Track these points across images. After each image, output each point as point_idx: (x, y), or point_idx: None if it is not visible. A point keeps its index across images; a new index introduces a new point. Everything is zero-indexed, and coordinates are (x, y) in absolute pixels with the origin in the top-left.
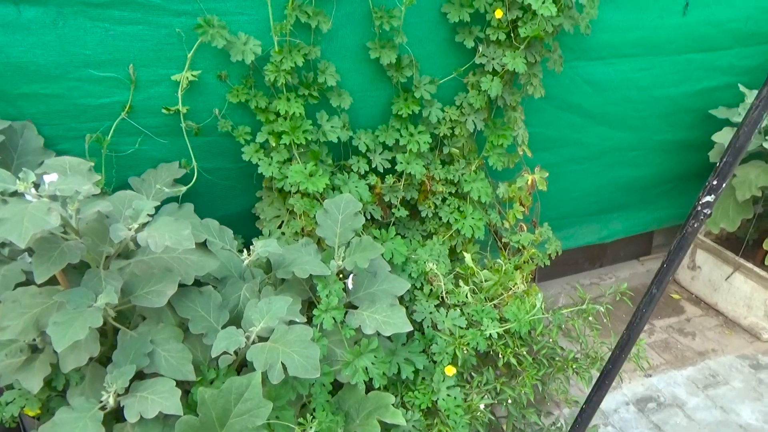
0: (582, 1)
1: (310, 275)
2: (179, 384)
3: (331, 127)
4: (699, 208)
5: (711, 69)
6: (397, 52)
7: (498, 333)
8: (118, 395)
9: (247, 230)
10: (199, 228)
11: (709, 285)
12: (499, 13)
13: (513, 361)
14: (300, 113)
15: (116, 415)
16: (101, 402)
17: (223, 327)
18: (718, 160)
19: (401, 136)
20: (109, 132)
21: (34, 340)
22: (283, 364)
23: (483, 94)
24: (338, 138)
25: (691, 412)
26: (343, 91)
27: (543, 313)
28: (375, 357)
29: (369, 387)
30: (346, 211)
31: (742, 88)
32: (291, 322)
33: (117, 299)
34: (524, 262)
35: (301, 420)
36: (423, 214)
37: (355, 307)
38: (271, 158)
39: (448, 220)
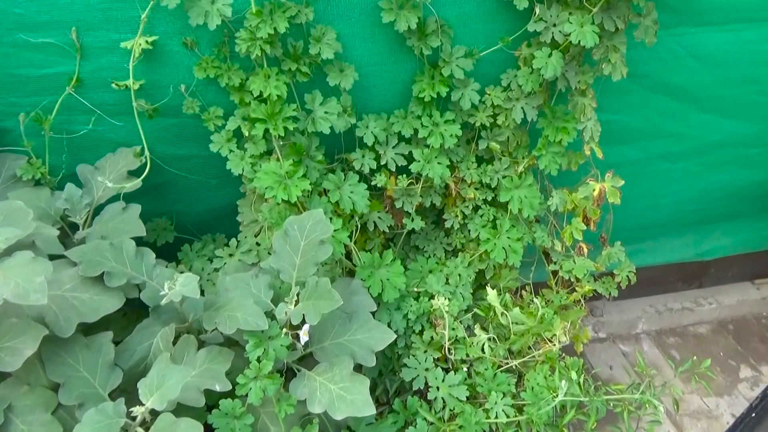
0: None
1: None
2: None
3: (325, 113)
4: None
5: None
6: (421, 13)
7: (507, 417)
8: None
9: (235, 228)
10: (105, 254)
11: None
12: None
13: None
14: (280, 95)
15: None
16: None
17: (112, 394)
18: None
19: (422, 125)
20: (53, 110)
21: None
22: None
23: (536, 73)
24: (331, 127)
25: None
26: (347, 65)
27: (580, 390)
28: None
29: None
30: (312, 236)
31: None
32: (206, 391)
33: None
34: (574, 302)
35: None
36: (448, 224)
37: (315, 363)
38: (244, 151)
39: (478, 235)
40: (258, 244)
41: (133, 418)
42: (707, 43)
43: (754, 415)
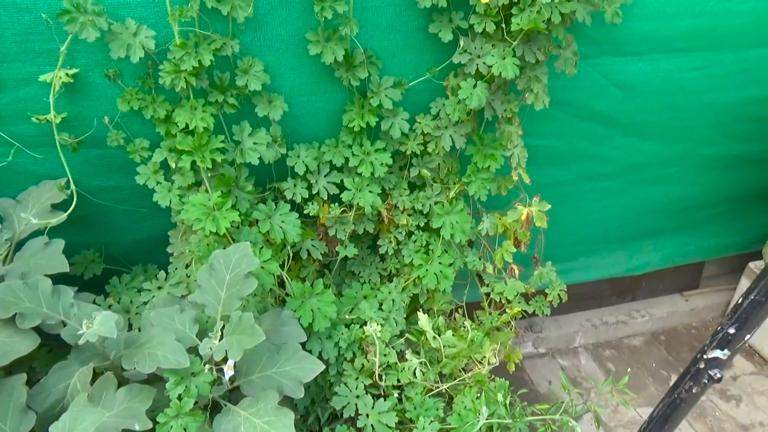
0: None
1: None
2: None
3: (254, 143)
4: (703, 366)
5: None
6: (348, 45)
7: None
8: None
9: (167, 258)
10: (18, 294)
11: None
12: None
13: None
14: (206, 127)
15: None
16: None
17: None
18: (740, 297)
19: (353, 154)
20: None
21: None
22: None
23: (463, 103)
24: (261, 157)
25: None
26: (276, 96)
27: (507, 412)
28: None
29: None
30: (237, 269)
31: None
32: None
33: None
34: (505, 324)
35: None
36: (383, 250)
37: (243, 396)
38: (172, 183)
39: (411, 260)
40: (188, 276)
41: None
42: (628, 72)
43: None
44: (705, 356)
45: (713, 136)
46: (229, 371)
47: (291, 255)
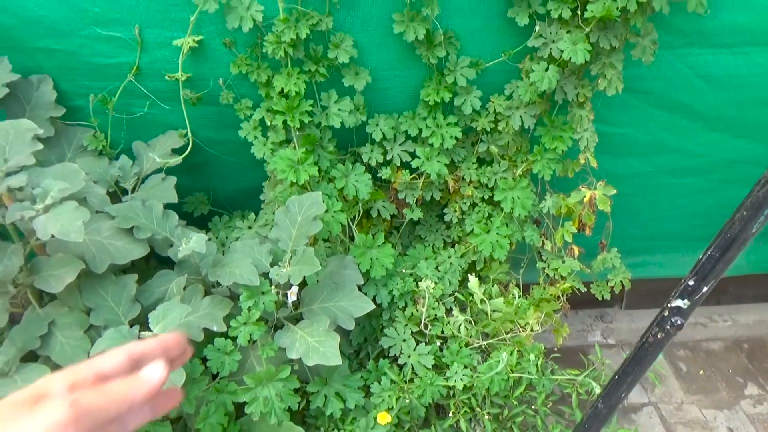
0: None
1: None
2: None
3: (338, 109)
4: (666, 314)
5: None
6: (429, 26)
7: (465, 385)
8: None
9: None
10: (137, 212)
11: None
12: None
13: (463, 426)
14: (299, 91)
15: None
16: None
17: (131, 321)
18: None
19: (426, 126)
20: (116, 93)
21: None
22: None
23: (534, 86)
24: (342, 122)
25: None
26: (362, 69)
27: (537, 371)
28: (283, 386)
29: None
30: (308, 213)
31: None
32: (206, 331)
33: (11, 276)
34: (550, 297)
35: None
36: (447, 218)
37: (300, 320)
38: (267, 138)
39: (473, 229)
40: (273, 219)
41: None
42: (716, 64)
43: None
44: (669, 305)
45: None
46: (292, 296)
47: (362, 212)
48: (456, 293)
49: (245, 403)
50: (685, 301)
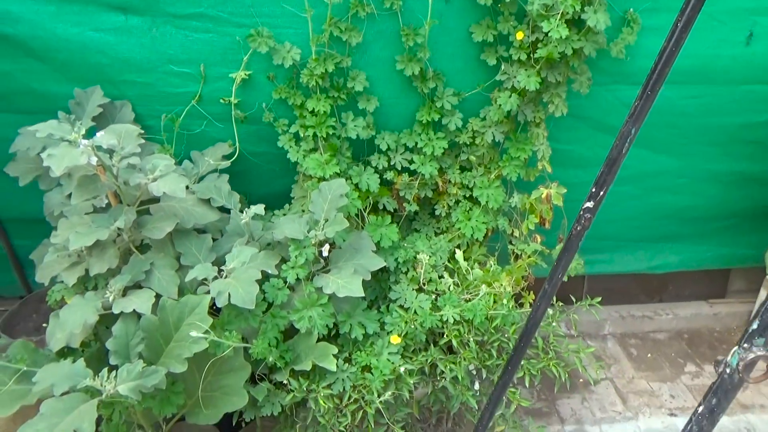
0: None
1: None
2: None
3: (354, 125)
4: (582, 213)
5: None
6: (423, 65)
7: (454, 318)
8: (116, 297)
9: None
10: (211, 190)
11: None
12: (520, 35)
13: (455, 342)
14: (325, 111)
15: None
16: (104, 298)
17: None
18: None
19: (421, 140)
20: (181, 114)
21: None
22: (229, 294)
23: (501, 109)
24: (357, 135)
25: None
26: (372, 96)
27: (510, 310)
28: (322, 310)
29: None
30: (335, 192)
31: None
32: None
33: (128, 226)
34: (518, 267)
35: (240, 338)
36: (437, 213)
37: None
38: (300, 147)
39: (457, 219)
40: (303, 210)
41: (221, 272)
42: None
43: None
44: (582, 207)
45: (713, 154)
46: (325, 252)
47: (372, 204)
48: (446, 264)
49: (292, 328)
50: (591, 202)
